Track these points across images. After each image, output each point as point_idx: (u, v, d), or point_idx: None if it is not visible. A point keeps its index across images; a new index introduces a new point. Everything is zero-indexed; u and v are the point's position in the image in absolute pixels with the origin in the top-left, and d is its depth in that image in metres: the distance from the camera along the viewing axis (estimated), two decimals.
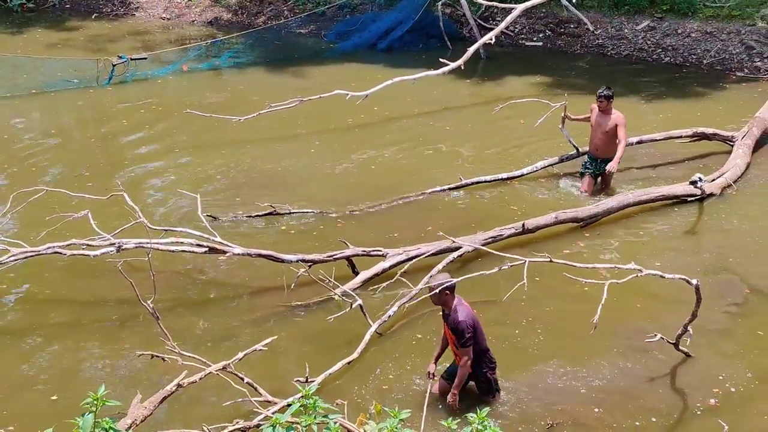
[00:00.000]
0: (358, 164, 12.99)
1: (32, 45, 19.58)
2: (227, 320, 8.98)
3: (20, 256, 8.93)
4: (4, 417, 6.86)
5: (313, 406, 4.58)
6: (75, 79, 16.81)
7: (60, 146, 13.93)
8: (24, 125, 14.90)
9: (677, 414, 7.57)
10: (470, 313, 7.35)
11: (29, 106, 15.73)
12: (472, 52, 14.38)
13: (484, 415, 4.75)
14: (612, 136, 11.33)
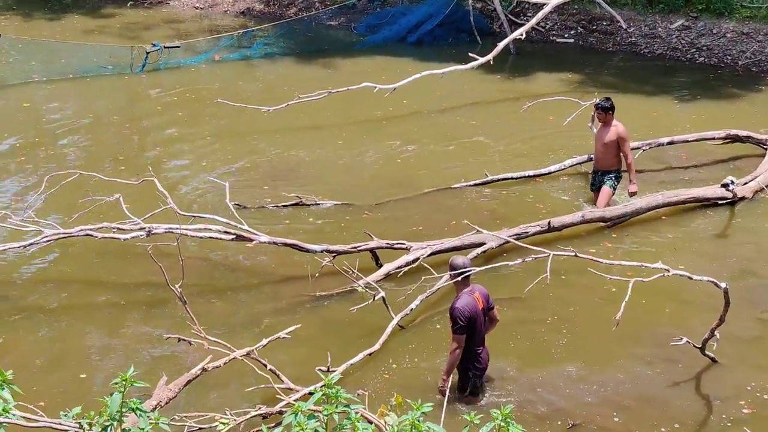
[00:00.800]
0: (384, 157, 13.07)
1: (69, 31, 19.84)
2: (252, 307, 9.11)
3: (53, 237, 9.12)
4: (35, 393, 7.03)
5: (336, 396, 4.65)
6: (110, 66, 17.02)
7: (94, 131, 14.13)
8: (59, 109, 15.13)
9: (702, 423, 7.46)
10: (471, 304, 7.35)
11: (65, 91, 15.96)
12: (502, 47, 14.44)
13: (508, 412, 4.81)
14: (611, 148, 10.87)
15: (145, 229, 9.14)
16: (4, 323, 8.58)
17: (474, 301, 7.41)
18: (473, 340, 7.43)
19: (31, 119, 14.60)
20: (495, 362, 8.03)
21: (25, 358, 8.03)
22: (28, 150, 13.10)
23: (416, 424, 4.53)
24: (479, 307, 7.44)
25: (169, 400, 6.77)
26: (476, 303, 7.43)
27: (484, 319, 7.54)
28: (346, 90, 13.41)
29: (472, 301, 7.39)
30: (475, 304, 7.40)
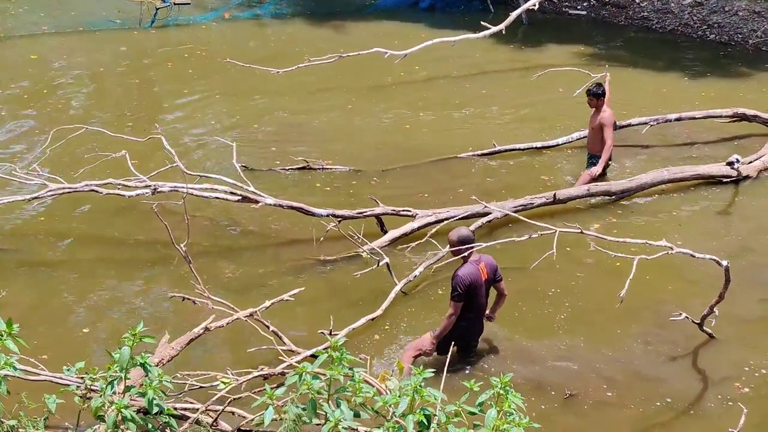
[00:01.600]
0: (392, 123, 13.03)
1: None
2: (256, 269, 9.13)
3: (57, 191, 9.14)
4: (39, 346, 7.06)
5: (340, 359, 4.69)
6: (118, 20, 16.91)
7: (101, 86, 14.08)
8: (67, 62, 15.05)
9: (696, 400, 7.49)
10: (474, 273, 7.35)
11: (72, 44, 15.87)
12: (514, 17, 14.37)
13: (507, 380, 4.85)
14: (598, 132, 10.99)
15: (150, 186, 9.15)
16: (7, 276, 8.60)
17: (477, 272, 7.40)
18: (470, 309, 7.44)
19: (38, 71, 14.52)
20: (496, 332, 8.08)
21: (28, 311, 8.05)
22: (35, 103, 13.05)
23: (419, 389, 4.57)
24: (482, 278, 7.43)
25: (171, 358, 6.82)
26: (479, 273, 7.42)
27: (486, 292, 7.55)
28: (356, 54, 13.35)
29: (476, 271, 7.39)
30: (478, 274, 7.40)
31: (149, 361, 5.04)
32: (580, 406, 7.32)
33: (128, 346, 4.86)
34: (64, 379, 5.80)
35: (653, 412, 7.30)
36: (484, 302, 7.60)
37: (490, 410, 4.86)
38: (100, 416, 5.05)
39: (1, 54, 15.17)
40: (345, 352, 4.84)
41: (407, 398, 4.72)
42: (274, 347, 7.11)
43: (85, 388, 5.35)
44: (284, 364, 6.58)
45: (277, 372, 6.46)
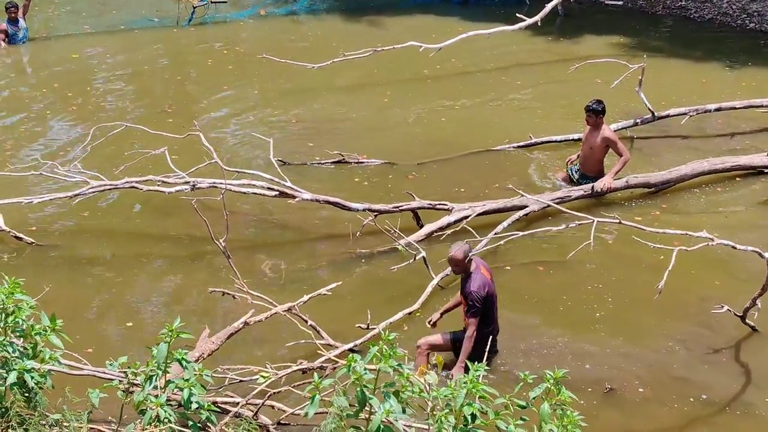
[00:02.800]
0: (428, 116, 13.02)
1: None
2: (294, 263, 9.19)
3: (98, 188, 9.28)
4: (83, 340, 7.21)
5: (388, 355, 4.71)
6: (156, 18, 17.07)
7: (140, 84, 14.24)
8: (107, 61, 15.24)
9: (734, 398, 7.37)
10: (485, 282, 7.20)
11: (113, 43, 16.05)
12: (550, 8, 14.29)
13: (561, 375, 4.85)
14: (597, 152, 10.41)
15: (189, 183, 9.25)
16: (51, 273, 8.75)
17: (485, 278, 7.25)
18: (491, 313, 7.31)
19: (80, 70, 14.73)
20: (537, 325, 8.07)
21: (71, 306, 8.19)
22: (76, 101, 13.24)
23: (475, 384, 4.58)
24: (490, 280, 7.31)
25: (211, 353, 6.90)
26: (487, 278, 7.28)
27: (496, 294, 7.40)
28: (391, 48, 13.36)
29: (484, 279, 7.24)
30: (487, 280, 7.25)
31: (187, 357, 5.10)
32: (621, 400, 7.29)
33: (165, 342, 4.92)
34: (107, 374, 5.90)
35: (696, 408, 7.24)
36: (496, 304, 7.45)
37: (543, 404, 4.87)
38: (143, 410, 5.13)
39: (43, 53, 15.38)
40: (395, 346, 4.87)
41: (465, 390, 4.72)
42: (312, 341, 7.17)
43: (128, 383, 5.43)
44: (323, 358, 6.64)
45: (316, 366, 6.52)
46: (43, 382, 5.27)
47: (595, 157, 10.48)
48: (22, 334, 5.34)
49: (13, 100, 13.21)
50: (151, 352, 5.08)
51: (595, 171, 10.51)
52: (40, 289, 6.70)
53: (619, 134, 11.89)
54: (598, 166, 10.53)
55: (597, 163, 10.51)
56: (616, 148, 10.36)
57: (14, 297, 5.22)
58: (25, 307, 5.31)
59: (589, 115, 10.39)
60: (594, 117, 10.35)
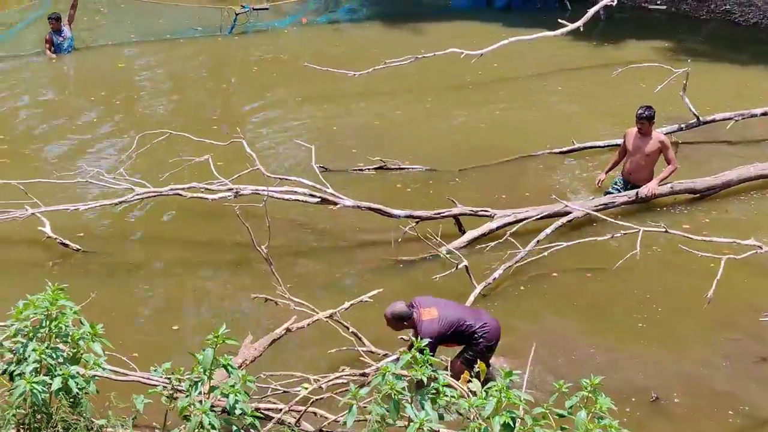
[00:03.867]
0: (469, 122, 12.98)
1: None
2: (335, 270, 9.21)
3: (143, 195, 9.39)
4: (129, 344, 7.30)
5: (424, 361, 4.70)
6: (199, 27, 17.23)
7: (184, 92, 14.39)
8: (151, 70, 15.44)
9: None
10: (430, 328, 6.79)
11: (157, 52, 16.24)
12: (592, 13, 14.21)
13: (597, 382, 4.80)
14: (653, 159, 10.24)
15: (232, 190, 9.32)
16: (97, 278, 8.84)
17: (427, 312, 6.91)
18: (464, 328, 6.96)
19: (125, 79, 14.92)
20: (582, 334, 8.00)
21: (117, 312, 8.27)
22: (122, 109, 13.41)
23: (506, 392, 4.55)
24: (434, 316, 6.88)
25: (254, 359, 6.92)
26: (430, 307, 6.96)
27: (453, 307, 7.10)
28: (432, 56, 13.37)
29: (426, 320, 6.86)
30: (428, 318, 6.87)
31: (232, 363, 5.12)
32: (667, 410, 7.18)
33: (211, 348, 4.95)
34: (152, 380, 5.94)
35: (743, 423, 7.09)
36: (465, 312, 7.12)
37: (580, 412, 4.81)
38: (187, 416, 5.15)
39: (91, 62, 15.58)
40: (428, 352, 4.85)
41: (494, 400, 4.69)
42: (354, 348, 7.17)
43: (172, 389, 5.46)
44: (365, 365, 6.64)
45: (358, 373, 6.51)
46: (87, 388, 5.31)
47: (650, 163, 10.30)
48: (66, 339, 5.39)
49: (60, 109, 13.42)
50: (195, 358, 5.10)
51: (649, 178, 10.31)
52: (86, 295, 6.76)
53: None
54: (651, 173, 10.34)
55: (651, 169, 10.34)
56: (668, 153, 10.23)
57: (59, 303, 5.27)
58: (69, 313, 5.36)
59: (642, 123, 10.18)
60: (648, 123, 10.19)
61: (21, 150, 11.85)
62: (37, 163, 11.42)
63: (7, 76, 14.83)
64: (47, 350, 5.14)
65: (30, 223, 9.30)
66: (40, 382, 5.03)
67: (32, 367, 5.09)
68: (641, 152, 10.28)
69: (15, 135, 12.41)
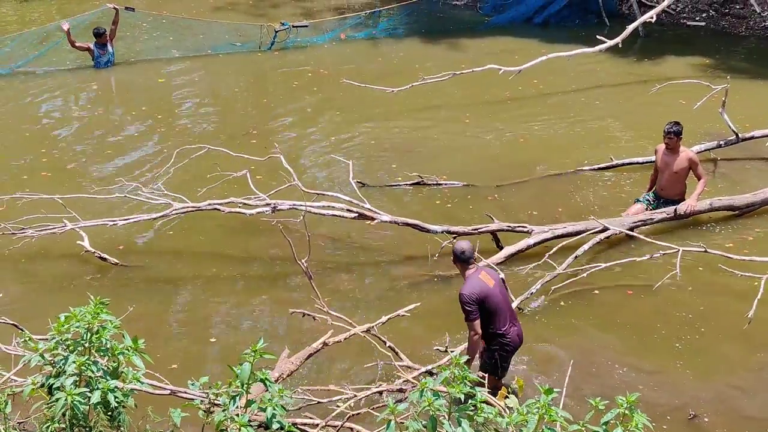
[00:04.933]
0: (507, 138, 12.95)
1: (200, 8, 20.29)
2: (372, 284, 9.23)
3: (181, 210, 9.46)
4: (168, 356, 7.39)
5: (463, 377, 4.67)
6: (238, 43, 17.37)
7: (223, 107, 14.50)
8: (191, 85, 15.57)
9: None
10: (478, 285, 7.00)
11: (196, 67, 16.36)
12: (631, 30, 14.12)
13: (634, 399, 4.75)
14: (683, 175, 10.15)
15: (270, 205, 9.37)
16: (136, 292, 8.93)
17: (481, 282, 7.03)
18: (494, 321, 7.07)
19: (165, 94, 15.08)
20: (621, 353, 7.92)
21: (155, 325, 8.36)
22: (161, 124, 13.54)
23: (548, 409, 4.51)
24: (490, 285, 7.05)
25: (291, 373, 6.93)
26: (484, 282, 7.04)
27: (503, 297, 7.17)
28: (470, 72, 13.37)
29: (479, 282, 7.03)
30: (482, 284, 7.02)
31: (270, 377, 5.13)
32: (705, 430, 7.08)
33: (249, 362, 4.96)
34: (189, 394, 5.96)
35: None
36: (505, 308, 7.15)
37: (616, 429, 4.77)
38: (224, 430, 5.16)
39: (132, 77, 15.75)
40: (467, 369, 4.83)
41: (536, 417, 4.65)
42: (391, 362, 7.16)
43: (209, 403, 5.48)
44: (401, 380, 6.61)
45: (395, 388, 6.49)
46: (125, 402, 5.34)
47: (680, 179, 10.23)
48: (106, 353, 5.43)
49: (100, 123, 13.57)
50: (233, 372, 5.12)
51: (680, 194, 10.25)
52: (124, 308, 6.83)
53: (702, 156, 11.70)
54: (682, 189, 10.28)
55: (680, 183, 10.26)
56: (698, 170, 10.14)
57: (100, 317, 5.31)
58: (109, 327, 5.40)
59: (670, 138, 10.10)
60: (676, 139, 10.10)
61: (61, 164, 12.01)
62: (77, 178, 11.56)
63: (49, 90, 15.04)
64: (87, 363, 5.17)
65: (69, 238, 9.42)
66: (80, 394, 5.06)
67: (72, 379, 5.13)
68: (669, 169, 10.20)
69: (56, 149, 12.57)
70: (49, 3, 20.72)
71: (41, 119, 13.85)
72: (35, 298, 8.87)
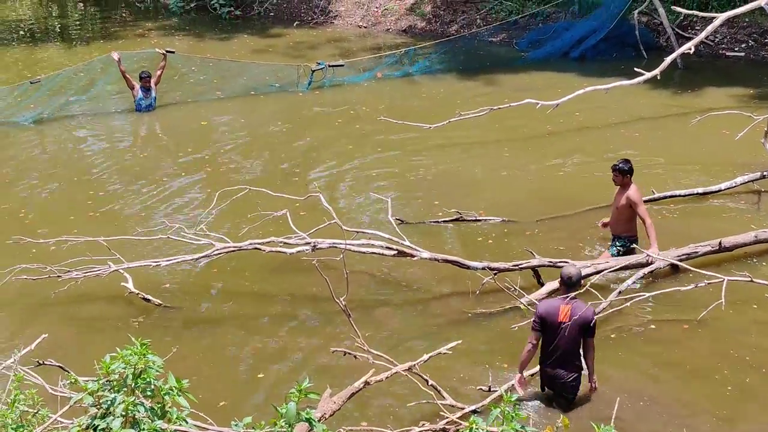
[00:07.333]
0: (547, 172, 12.91)
1: (240, 50, 20.63)
2: (413, 322, 9.21)
3: (223, 250, 9.52)
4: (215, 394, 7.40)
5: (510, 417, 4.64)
6: (277, 84, 17.57)
7: (262, 147, 14.62)
8: (232, 126, 15.77)
9: None
10: (551, 308, 7.41)
11: (236, 108, 16.58)
12: (669, 61, 14.02)
13: None
14: (624, 213, 9.86)
15: (310, 243, 9.41)
16: (179, 332, 9.02)
17: (555, 309, 7.36)
18: (543, 349, 7.49)
19: (208, 136, 15.28)
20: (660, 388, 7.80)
21: (200, 364, 8.41)
22: (204, 166, 13.68)
23: None
24: (558, 318, 7.32)
25: (333, 413, 6.91)
26: (557, 311, 7.34)
27: (561, 335, 7.34)
28: (507, 107, 13.39)
29: (554, 308, 7.38)
30: (554, 310, 7.36)
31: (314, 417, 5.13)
32: None
33: (294, 402, 4.97)
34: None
35: None
36: (561, 346, 7.38)
37: None
38: None
39: (176, 120, 15.96)
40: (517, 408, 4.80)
41: None
42: (433, 401, 7.11)
43: None
44: (445, 420, 6.57)
45: (439, 428, 6.45)
46: None
47: (623, 217, 9.93)
48: (152, 394, 5.46)
49: (145, 166, 13.75)
50: (278, 412, 5.13)
51: (627, 231, 9.97)
52: (167, 349, 6.87)
53: (745, 187, 11.57)
54: (627, 225, 9.97)
55: (627, 222, 9.95)
56: (641, 208, 9.81)
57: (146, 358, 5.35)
58: (154, 367, 5.43)
59: (615, 175, 9.95)
60: (620, 177, 9.91)
61: (106, 206, 12.18)
62: (122, 219, 11.73)
63: (94, 134, 15.33)
64: (133, 404, 5.20)
65: (113, 279, 9.52)
66: None
67: (119, 420, 5.16)
68: (614, 205, 10.07)
69: (101, 191, 12.76)
70: (91, 48, 21.18)
71: (86, 162, 14.09)
72: (80, 339, 8.97)
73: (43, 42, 22.55)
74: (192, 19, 23.98)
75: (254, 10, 24.27)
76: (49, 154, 14.50)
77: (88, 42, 22.30)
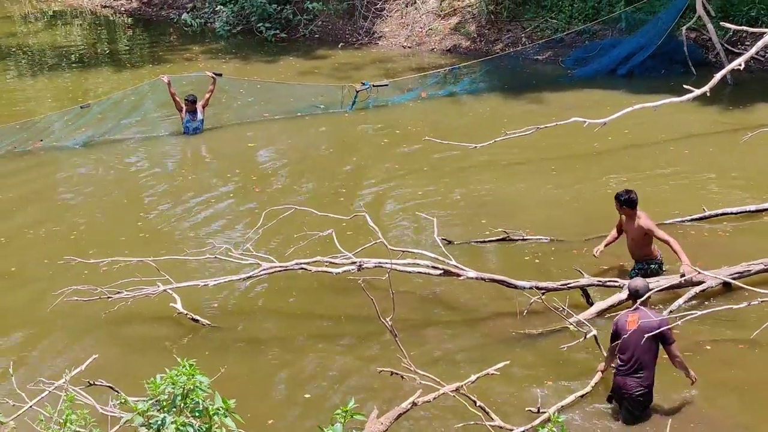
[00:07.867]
0: (595, 190, 12.76)
1: (286, 72, 20.79)
2: (460, 342, 9.15)
3: (270, 270, 9.55)
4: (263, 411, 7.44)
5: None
6: (321, 105, 17.67)
7: (308, 167, 14.70)
8: (278, 147, 15.89)
9: None
10: (621, 321, 7.71)
11: (282, 129, 16.70)
12: (719, 78, 13.90)
13: None
14: (639, 240, 9.72)
15: (356, 263, 9.39)
16: (227, 352, 9.05)
17: (623, 321, 7.65)
18: (619, 359, 7.66)
19: (255, 157, 15.43)
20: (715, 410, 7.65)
21: (248, 384, 8.43)
22: (251, 186, 13.78)
23: None
24: (627, 327, 7.56)
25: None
26: (625, 322, 7.62)
27: (635, 344, 7.48)
28: (554, 125, 13.30)
29: (623, 320, 7.66)
30: (622, 322, 7.66)
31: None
32: None
33: (340, 422, 4.95)
34: None
35: None
36: (630, 357, 7.55)
37: None
38: None
39: (223, 142, 16.09)
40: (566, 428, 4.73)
41: None
42: (481, 422, 7.04)
43: None
44: None
45: None
46: None
47: (639, 243, 9.78)
48: (200, 414, 5.47)
49: (193, 187, 13.86)
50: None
51: (646, 255, 9.81)
52: (215, 369, 6.88)
53: None
54: (647, 251, 9.80)
55: (647, 247, 9.78)
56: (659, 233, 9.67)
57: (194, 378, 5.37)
58: (203, 388, 5.44)
59: (618, 206, 9.82)
60: (625, 207, 9.75)
61: (155, 227, 12.33)
62: (170, 240, 11.84)
63: (143, 157, 15.52)
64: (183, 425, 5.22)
65: (162, 300, 9.60)
66: None
67: None
68: (629, 236, 9.89)
69: (151, 212, 12.92)
70: (141, 72, 21.49)
71: (136, 184, 14.26)
72: (129, 359, 9.04)
73: (93, 67, 22.91)
74: (238, 43, 24.23)
75: (299, 33, 24.46)
76: (99, 176, 14.70)
77: (137, 66, 22.63)
